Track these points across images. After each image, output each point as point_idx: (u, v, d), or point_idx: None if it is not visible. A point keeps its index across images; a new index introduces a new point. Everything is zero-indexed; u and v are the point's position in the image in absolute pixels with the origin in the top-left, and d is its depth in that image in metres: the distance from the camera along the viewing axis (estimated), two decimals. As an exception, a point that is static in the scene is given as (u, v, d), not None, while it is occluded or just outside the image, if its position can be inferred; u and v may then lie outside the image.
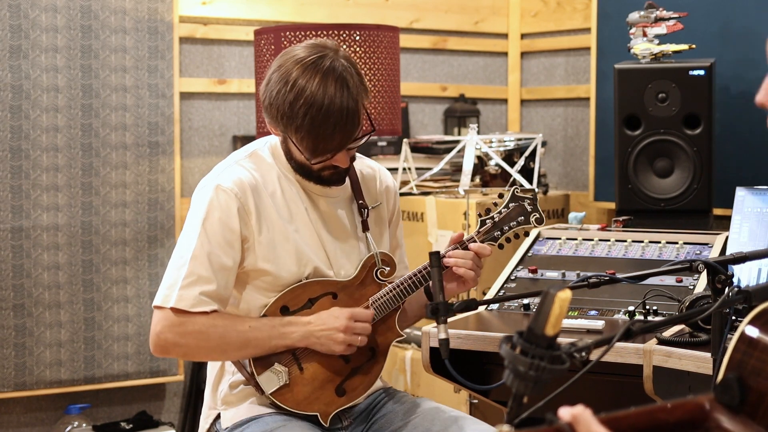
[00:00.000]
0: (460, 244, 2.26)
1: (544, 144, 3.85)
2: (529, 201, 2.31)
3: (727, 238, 2.77)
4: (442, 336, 2.07)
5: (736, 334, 1.30)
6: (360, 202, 2.33)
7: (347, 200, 2.33)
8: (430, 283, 2.28)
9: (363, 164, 2.41)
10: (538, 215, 2.30)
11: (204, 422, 2.32)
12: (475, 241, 2.27)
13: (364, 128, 2.18)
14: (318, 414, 2.21)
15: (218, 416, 2.28)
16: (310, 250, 2.24)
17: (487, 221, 2.29)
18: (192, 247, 2.14)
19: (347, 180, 2.33)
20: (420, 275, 2.24)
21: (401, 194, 3.70)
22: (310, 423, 2.20)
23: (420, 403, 2.29)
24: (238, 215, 2.16)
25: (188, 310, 2.12)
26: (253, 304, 2.23)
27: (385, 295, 2.25)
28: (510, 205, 2.30)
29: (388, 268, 2.30)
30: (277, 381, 2.19)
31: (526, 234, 2.32)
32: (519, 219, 2.30)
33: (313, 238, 2.25)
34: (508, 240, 2.32)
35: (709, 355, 1.99)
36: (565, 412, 1.16)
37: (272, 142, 2.29)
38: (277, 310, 2.21)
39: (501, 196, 2.32)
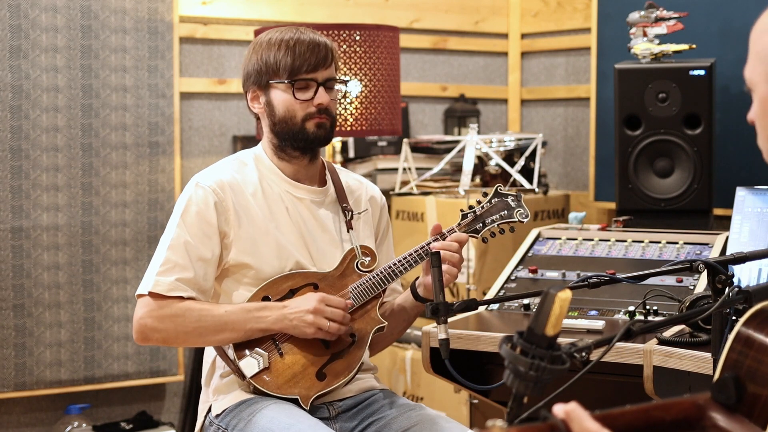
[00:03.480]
0: (441, 235, 2.27)
1: (544, 144, 3.85)
2: (513, 197, 2.33)
3: (727, 238, 2.77)
4: (442, 336, 2.07)
5: (732, 334, 1.30)
6: (344, 205, 2.38)
7: (330, 204, 2.39)
8: (419, 282, 2.29)
9: (349, 177, 2.48)
10: (522, 210, 2.31)
11: (199, 417, 2.37)
12: (455, 232, 2.29)
13: (338, 76, 2.36)
14: (299, 397, 2.23)
15: (210, 408, 2.32)
16: (292, 246, 2.29)
17: (469, 214, 2.31)
18: (170, 238, 2.24)
19: (331, 185, 2.39)
20: (399, 265, 2.26)
21: (401, 194, 3.70)
22: (297, 406, 2.23)
23: (419, 410, 2.28)
24: (216, 209, 2.24)
25: (165, 294, 2.19)
26: (236, 299, 2.28)
27: (364, 282, 2.28)
28: (493, 200, 2.32)
29: (369, 259, 2.34)
30: (257, 365, 2.23)
31: (512, 230, 2.32)
32: (502, 213, 2.31)
33: (296, 236, 2.31)
34: (492, 234, 2.32)
35: (709, 355, 1.99)
36: (559, 409, 1.16)
37: (256, 151, 2.38)
38: (259, 300, 2.26)
39: (485, 194, 2.34)
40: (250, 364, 2.23)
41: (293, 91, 2.27)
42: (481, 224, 2.30)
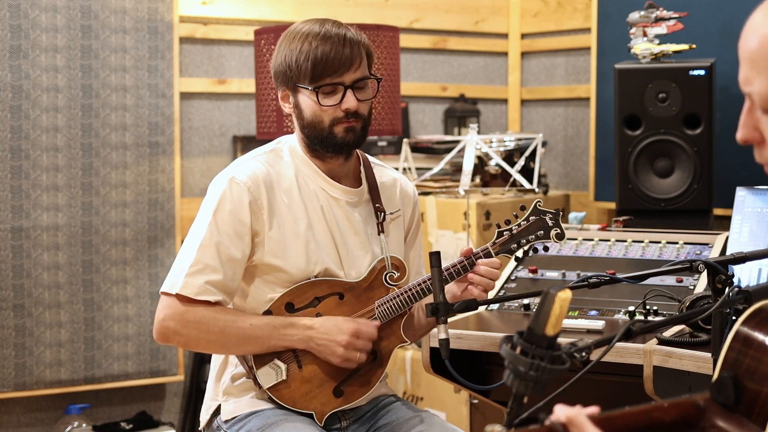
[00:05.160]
0: (474, 255, 2.20)
1: (544, 144, 3.85)
2: (551, 216, 2.23)
3: (727, 238, 2.77)
4: (442, 336, 2.07)
5: (731, 333, 1.30)
6: (377, 205, 2.32)
7: (364, 203, 2.32)
8: (447, 289, 2.25)
9: (383, 172, 2.40)
10: (559, 231, 2.21)
11: (205, 413, 2.32)
12: (489, 253, 2.21)
13: (369, 74, 2.24)
14: (314, 413, 2.21)
15: (218, 408, 2.28)
16: (321, 249, 2.23)
17: (505, 233, 2.22)
18: (201, 237, 2.16)
19: (365, 183, 2.33)
20: (428, 282, 2.20)
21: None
22: (309, 419, 2.21)
23: (428, 419, 2.27)
24: (250, 208, 2.17)
25: (192, 298, 2.13)
26: (260, 298, 2.23)
27: (391, 300, 2.23)
28: (531, 218, 2.22)
29: (398, 273, 2.28)
30: (275, 377, 2.20)
31: (546, 249, 2.25)
32: (538, 233, 2.22)
33: (327, 237, 2.25)
34: (526, 253, 2.24)
35: (709, 355, 1.99)
36: (561, 412, 1.16)
37: (291, 142, 2.30)
38: (282, 306, 2.21)
39: (523, 208, 2.25)
40: (268, 375, 2.20)
41: (317, 97, 2.17)
42: (515, 244, 2.22)
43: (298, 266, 2.20)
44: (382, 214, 2.32)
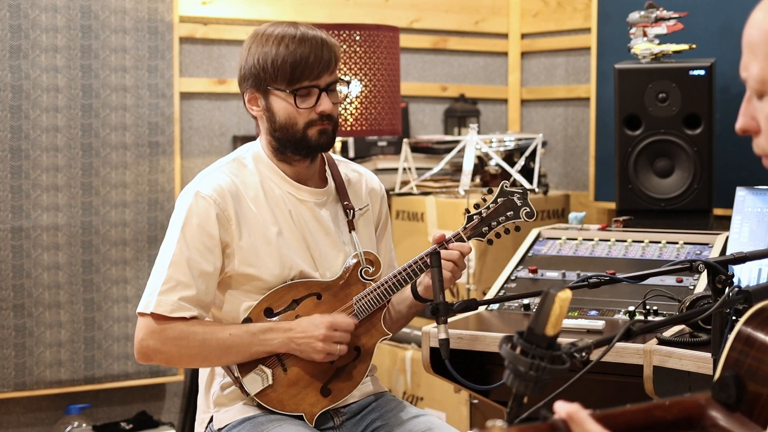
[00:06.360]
0: (447, 241, 2.22)
1: (544, 144, 3.85)
2: (519, 195, 2.23)
3: (727, 238, 2.77)
4: (443, 336, 2.07)
5: (733, 333, 1.31)
6: (345, 203, 2.33)
7: (332, 202, 2.34)
8: (420, 281, 2.27)
9: (348, 169, 2.43)
10: (528, 209, 2.22)
11: (199, 426, 2.33)
12: (461, 238, 2.22)
13: (340, 76, 2.27)
14: (303, 414, 2.21)
15: (211, 419, 2.28)
16: (294, 252, 2.24)
17: (474, 217, 2.23)
18: (171, 254, 2.16)
19: (332, 182, 2.34)
20: (404, 273, 2.22)
21: (401, 194, 3.70)
22: (301, 421, 2.21)
23: (424, 417, 2.27)
24: (218, 221, 2.17)
25: (168, 316, 2.13)
26: (237, 307, 2.23)
27: (368, 294, 2.24)
28: (498, 200, 2.23)
29: (373, 268, 2.29)
30: (262, 383, 2.20)
31: (517, 229, 2.25)
32: (508, 214, 2.22)
33: (298, 241, 2.25)
34: (497, 236, 2.25)
35: (709, 355, 1.99)
36: (561, 408, 1.16)
37: (254, 149, 2.31)
38: (261, 311, 2.21)
39: (490, 191, 2.25)
40: (254, 382, 2.20)
41: (294, 99, 2.19)
42: (486, 227, 2.23)
43: (272, 273, 2.21)
44: (352, 211, 2.33)
